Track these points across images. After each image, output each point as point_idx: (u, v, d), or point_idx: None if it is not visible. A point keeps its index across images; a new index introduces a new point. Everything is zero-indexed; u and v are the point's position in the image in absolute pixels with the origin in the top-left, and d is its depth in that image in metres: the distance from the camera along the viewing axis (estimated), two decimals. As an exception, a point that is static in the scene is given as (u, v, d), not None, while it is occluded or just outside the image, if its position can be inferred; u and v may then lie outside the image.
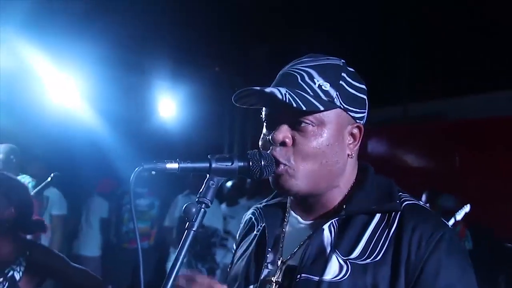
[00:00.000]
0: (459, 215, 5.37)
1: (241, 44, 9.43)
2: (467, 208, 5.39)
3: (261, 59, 9.44)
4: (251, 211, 1.80)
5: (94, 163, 7.42)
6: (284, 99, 1.35)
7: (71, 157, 7.67)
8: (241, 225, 1.82)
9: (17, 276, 2.73)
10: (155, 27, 8.11)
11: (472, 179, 7.31)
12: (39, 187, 5.09)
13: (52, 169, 5.34)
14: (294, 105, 1.35)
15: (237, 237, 1.81)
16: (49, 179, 5.15)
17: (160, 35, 8.40)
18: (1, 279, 2.69)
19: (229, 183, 7.84)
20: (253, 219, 1.75)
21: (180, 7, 7.77)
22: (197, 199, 1.35)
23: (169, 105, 9.99)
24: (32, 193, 3.03)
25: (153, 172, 1.35)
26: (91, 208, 7.58)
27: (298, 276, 1.40)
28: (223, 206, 7.64)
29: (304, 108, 1.36)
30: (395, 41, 9.06)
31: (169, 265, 6.94)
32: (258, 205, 1.75)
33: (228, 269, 1.76)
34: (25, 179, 5.14)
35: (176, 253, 1.29)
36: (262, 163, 1.40)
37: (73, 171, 7.11)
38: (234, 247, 1.80)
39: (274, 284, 1.47)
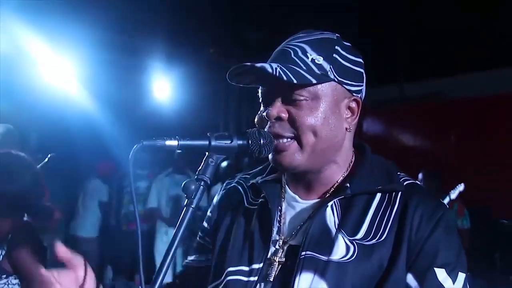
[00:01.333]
0: (454, 194, 5.37)
1: (236, 25, 9.39)
2: (461, 187, 5.39)
3: (257, 41, 9.40)
4: (236, 180, 1.77)
5: (90, 145, 7.42)
6: (274, 73, 1.35)
7: (67, 139, 7.66)
8: (221, 190, 1.78)
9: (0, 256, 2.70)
10: (149, 9, 8.06)
11: (468, 158, 7.33)
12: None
13: (48, 151, 5.33)
14: (285, 78, 1.35)
15: (214, 200, 1.78)
16: (46, 160, 5.14)
17: (155, 17, 8.35)
18: None
19: (224, 163, 7.85)
20: (240, 189, 1.72)
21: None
22: (196, 176, 1.35)
23: (164, 87, 9.96)
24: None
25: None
26: (88, 191, 7.58)
27: (303, 253, 1.39)
28: (219, 186, 7.66)
29: (295, 81, 1.36)
30: (390, 20, 9.02)
31: (158, 247, 7.01)
32: (246, 176, 1.73)
33: (202, 235, 1.74)
34: None
35: (175, 230, 1.29)
36: (261, 141, 1.40)
37: (69, 153, 7.10)
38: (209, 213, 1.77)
39: (277, 264, 1.46)
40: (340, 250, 1.37)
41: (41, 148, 7.05)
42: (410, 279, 1.33)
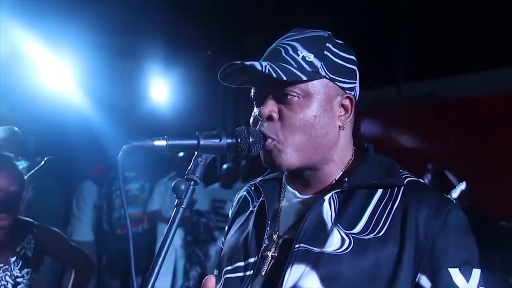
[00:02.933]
0: (455, 193, 5.37)
1: (234, 28, 9.39)
2: (463, 185, 5.40)
3: (255, 43, 9.41)
4: (244, 189, 1.79)
5: (87, 147, 7.39)
6: (264, 70, 1.34)
7: (64, 141, 7.65)
8: (234, 203, 1.80)
9: (29, 254, 2.80)
10: (147, 11, 8.06)
11: (467, 159, 7.31)
12: (33, 171, 5.06)
13: (46, 154, 5.32)
14: (275, 75, 1.34)
15: (230, 215, 1.79)
16: (42, 163, 5.13)
17: (152, 19, 8.36)
18: (14, 257, 2.74)
19: (224, 166, 7.86)
20: (247, 196, 1.74)
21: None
22: (185, 176, 1.35)
23: (162, 89, 9.99)
24: (25, 177, 3.01)
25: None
26: (82, 193, 7.54)
27: (297, 246, 1.38)
28: (217, 187, 7.66)
29: (285, 78, 1.35)
30: (388, 20, 9.03)
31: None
32: (253, 182, 1.73)
33: (222, 246, 1.75)
34: (19, 162, 5.10)
35: (166, 231, 1.29)
36: (250, 139, 1.40)
37: (67, 155, 7.08)
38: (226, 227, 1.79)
39: (270, 258, 1.45)
40: (334, 242, 1.35)
41: (39, 150, 7.04)
42: (424, 280, 1.31)
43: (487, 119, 7.41)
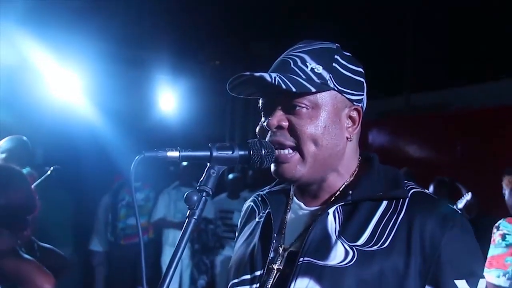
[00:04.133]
0: (461, 204, 5.34)
1: (242, 38, 9.42)
2: (468, 196, 5.36)
3: (263, 52, 9.43)
4: (251, 198, 1.79)
5: (95, 157, 7.40)
6: (273, 82, 1.35)
7: (72, 151, 7.66)
8: (242, 213, 1.80)
9: None
10: (155, 21, 8.11)
11: (474, 169, 7.29)
12: (39, 180, 5.06)
13: (54, 163, 5.33)
14: (284, 87, 1.35)
15: (238, 225, 1.79)
16: (48, 172, 5.13)
17: (161, 29, 8.40)
18: None
19: (230, 176, 7.85)
20: (254, 206, 1.74)
21: (180, 1, 7.77)
22: (197, 187, 1.34)
23: (170, 99, 9.99)
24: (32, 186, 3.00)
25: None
26: (100, 205, 7.53)
27: (301, 259, 1.37)
28: (224, 197, 7.65)
29: (294, 90, 1.35)
30: (396, 31, 9.04)
31: (164, 258, 7.01)
32: (260, 192, 1.73)
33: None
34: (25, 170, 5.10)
35: (178, 241, 1.28)
36: (263, 152, 1.40)
37: (75, 165, 7.10)
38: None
39: (276, 271, 1.45)
40: (338, 255, 1.35)
41: (47, 160, 7.05)
42: None
43: (495, 130, 7.38)
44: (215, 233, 7.27)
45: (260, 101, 1.53)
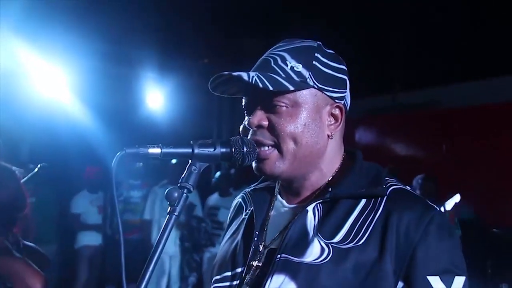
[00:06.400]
0: (449, 205, 5.35)
1: (231, 35, 9.41)
2: (457, 197, 5.38)
3: (251, 50, 9.42)
4: (240, 195, 1.80)
5: (82, 154, 7.38)
6: (250, 81, 1.36)
7: (59, 149, 7.63)
8: (231, 209, 1.81)
9: None
10: (142, 19, 8.07)
11: (461, 167, 7.33)
12: (25, 178, 5.02)
13: (40, 161, 5.29)
14: (261, 85, 1.36)
15: (227, 220, 1.80)
16: (35, 170, 5.09)
17: (148, 26, 8.37)
18: None
19: (217, 174, 7.84)
20: (242, 202, 1.75)
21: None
22: (179, 184, 1.36)
23: (157, 96, 9.98)
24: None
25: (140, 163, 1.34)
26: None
27: (278, 256, 1.38)
28: (216, 196, 7.64)
29: (271, 88, 1.36)
30: (384, 29, 9.06)
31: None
32: (247, 189, 1.74)
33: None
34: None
35: (158, 237, 1.29)
36: (244, 149, 1.40)
37: (62, 162, 7.06)
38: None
39: (255, 268, 1.46)
40: (314, 252, 1.36)
41: (33, 158, 7.01)
42: None
43: (482, 128, 7.43)
44: (206, 231, 7.27)
45: (243, 100, 1.54)
